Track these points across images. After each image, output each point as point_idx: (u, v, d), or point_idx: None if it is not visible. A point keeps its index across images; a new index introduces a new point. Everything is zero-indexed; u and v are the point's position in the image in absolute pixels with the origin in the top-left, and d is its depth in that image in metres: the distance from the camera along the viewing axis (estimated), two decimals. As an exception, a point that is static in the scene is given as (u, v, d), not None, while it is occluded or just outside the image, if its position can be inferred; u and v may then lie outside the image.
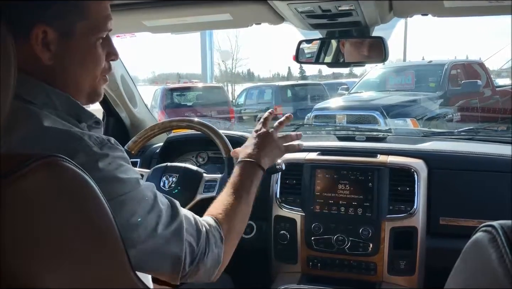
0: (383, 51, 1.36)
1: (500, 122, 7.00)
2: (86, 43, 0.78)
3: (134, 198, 0.73)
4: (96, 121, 0.83)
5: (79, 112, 0.79)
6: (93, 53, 0.79)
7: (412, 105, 6.65)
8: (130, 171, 0.75)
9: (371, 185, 1.48)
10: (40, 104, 0.74)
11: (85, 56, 0.78)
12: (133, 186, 0.74)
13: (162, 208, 0.79)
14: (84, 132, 0.72)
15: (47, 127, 0.70)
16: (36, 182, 0.56)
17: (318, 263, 1.52)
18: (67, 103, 0.77)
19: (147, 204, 0.75)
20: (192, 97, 10.68)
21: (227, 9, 1.29)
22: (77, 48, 0.77)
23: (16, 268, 0.55)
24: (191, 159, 1.88)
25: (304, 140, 1.97)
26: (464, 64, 8.35)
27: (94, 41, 0.78)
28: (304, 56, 1.52)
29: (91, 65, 0.80)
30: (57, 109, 0.75)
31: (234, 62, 22.98)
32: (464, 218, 1.43)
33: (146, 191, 0.77)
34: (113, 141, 0.75)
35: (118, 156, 0.74)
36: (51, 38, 0.73)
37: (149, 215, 0.75)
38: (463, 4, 1.18)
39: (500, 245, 0.40)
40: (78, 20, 0.75)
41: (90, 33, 0.77)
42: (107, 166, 0.71)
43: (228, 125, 8.70)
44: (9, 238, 0.54)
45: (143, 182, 0.79)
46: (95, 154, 0.70)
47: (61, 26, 0.74)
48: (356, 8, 1.18)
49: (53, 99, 0.75)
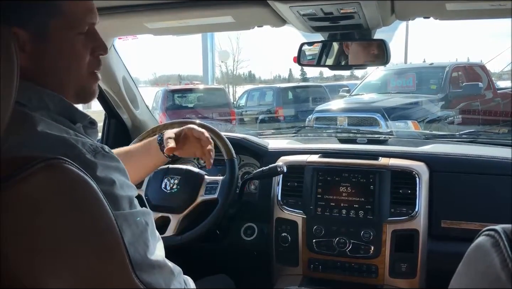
0: (385, 54, 1.36)
1: (501, 124, 7.00)
2: (63, 41, 0.76)
3: (125, 219, 0.71)
4: (91, 122, 0.81)
5: (72, 113, 0.78)
6: (72, 49, 0.77)
7: (414, 107, 6.64)
8: (126, 187, 0.73)
9: (373, 188, 1.48)
10: (33, 106, 0.72)
11: (63, 54, 0.76)
12: (124, 206, 0.72)
13: (151, 243, 0.75)
14: (78, 139, 0.71)
15: (40, 132, 0.68)
16: (38, 184, 0.56)
17: (319, 266, 1.52)
18: (60, 104, 0.76)
19: (136, 229, 0.72)
20: (193, 99, 10.69)
21: (229, 12, 1.29)
22: (54, 46, 0.75)
23: (18, 269, 0.55)
24: (193, 160, 1.88)
25: (306, 142, 1.98)
26: (466, 67, 8.34)
27: (71, 37, 0.77)
28: (306, 58, 1.52)
29: (71, 62, 0.78)
30: (50, 111, 0.74)
31: (235, 64, 22.98)
32: (466, 221, 1.43)
33: (138, 216, 0.74)
34: (107, 149, 0.73)
35: (112, 166, 0.72)
36: (24, 39, 0.72)
37: (136, 242, 0.72)
38: (465, 7, 1.18)
39: (503, 249, 0.40)
40: (50, 19, 0.74)
41: (66, 30, 0.76)
42: (101, 175, 0.69)
43: (229, 127, 8.70)
44: (11, 240, 0.55)
45: (139, 207, 0.76)
46: (89, 162, 0.68)
47: (32, 26, 0.73)
48: (358, 11, 1.18)
49: (46, 101, 0.74)
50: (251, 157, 1.79)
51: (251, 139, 1.79)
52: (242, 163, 1.80)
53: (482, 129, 4.68)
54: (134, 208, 0.74)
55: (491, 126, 6.73)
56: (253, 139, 1.80)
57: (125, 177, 0.75)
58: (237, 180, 1.51)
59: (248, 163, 1.80)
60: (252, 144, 1.77)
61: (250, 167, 1.79)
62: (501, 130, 6.15)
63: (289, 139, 2.04)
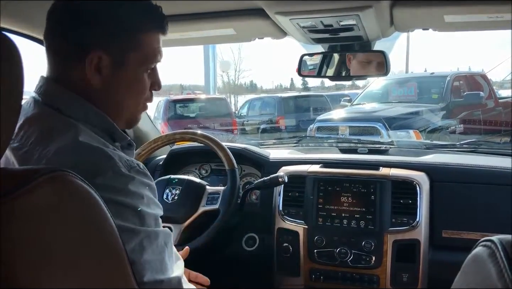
0: (385, 65, 1.37)
1: (503, 134, 6.98)
2: (135, 73, 0.81)
3: (148, 236, 0.72)
4: (129, 144, 0.85)
5: (114, 132, 0.81)
6: (140, 83, 0.82)
7: (415, 117, 6.65)
8: (153, 205, 0.76)
9: (374, 198, 1.49)
10: (78, 118, 0.76)
11: (132, 85, 0.81)
12: (149, 223, 0.74)
13: (168, 262, 0.76)
14: (115, 153, 0.74)
15: (81, 142, 0.71)
16: (43, 195, 0.57)
17: (320, 276, 1.52)
18: (103, 122, 0.79)
19: (156, 248, 0.74)
20: (195, 109, 10.71)
21: (231, 24, 1.31)
22: (127, 76, 0.80)
23: (22, 280, 0.56)
24: (194, 171, 1.89)
25: (307, 152, 1.98)
26: (467, 76, 8.35)
27: (142, 72, 0.82)
28: (307, 68, 1.54)
29: (136, 94, 0.83)
30: (94, 126, 0.78)
31: (236, 74, 23.07)
32: (467, 231, 1.43)
33: (160, 235, 0.75)
34: (141, 166, 0.76)
35: (145, 182, 0.75)
36: (105, 64, 0.76)
37: (152, 261, 0.73)
38: (463, 19, 1.19)
39: (499, 260, 0.41)
40: (132, 51, 0.79)
41: (141, 64, 0.81)
42: (132, 189, 0.71)
43: (231, 137, 8.71)
44: (16, 251, 0.55)
45: (161, 228, 0.78)
46: (123, 175, 0.71)
47: (116, 54, 0.77)
48: (357, 23, 1.20)
49: (90, 116, 0.78)
50: (252, 167, 1.80)
51: (252, 149, 1.80)
52: (243, 173, 1.81)
53: (483, 139, 4.66)
54: (158, 226, 0.76)
55: (493, 136, 6.72)
56: (254, 150, 1.80)
57: (154, 195, 0.78)
58: (238, 190, 1.52)
59: (249, 173, 1.81)
60: (253, 154, 1.77)
61: (251, 177, 1.80)
62: (502, 139, 6.13)
63: (290, 149, 2.05)
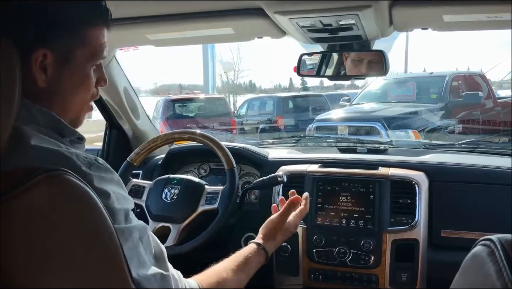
0: (384, 64, 1.37)
1: (501, 134, 7.00)
2: (83, 69, 0.79)
3: (121, 233, 0.70)
4: (79, 138, 0.82)
5: (61, 128, 0.78)
6: (87, 79, 0.80)
7: (414, 116, 6.66)
8: (122, 200, 0.73)
9: (373, 197, 1.49)
10: (23, 120, 0.71)
11: (79, 82, 0.79)
12: (120, 219, 0.72)
13: (146, 258, 0.75)
14: (72, 152, 0.71)
15: (34, 146, 0.68)
16: (40, 195, 0.57)
17: (319, 276, 1.52)
18: (50, 119, 0.76)
19: (131, 244, 0.73)
20: (194, 108, 10.72)
21: (229, 24, 1.30)
22: (72, 73, 0.78)
23: (20, 279, 0.56)
24: (193, 170, 1.89)
25: (306, 152, 1.98)
26: (466, 76, 8.37)
27: (89, 68, 0.80)
28: (306, 68, 1.53)
29: (83, 91, 0.81)
30: (39, 125, 0.74)
31: (236, 74, 23.08)
32: (466, 231, 1.43)
33: (133, 231, 0.74)
34: (101, 161, 0.74)
35: (107, 177, 0.72)
36: (49, 62, 0.74)
37: (131, 257, 0.71)
38: (462, 19, 1.19)
39: (498, 259, 0.41)
40: (78, 47, 0.77)
41: (88, 60, 0.79)
42: (97, 186, 0.69)
43: (230, 136, 8.71)
44: (13, 251, 0.55)
45: (136, 221, 0.76)
46: (84, 174, 0.68)
47: (61, 51, 0.75)
48: (356, 22, 1.20)
49: (35, 114, 0.74)
50: (251, 167, 1.80)
51: (251, 149, 1.80)
52: (243, 173, 1.81)
53: (482, 139, 4.68)
54: (130, 221, 0.74)
55: (491, 136, 6.73)
56: (253, 149, 1.80)
57: (120, 188, 0.75)
58: (237, 189, 1.52)
59: (248, 173, 1.81)
60: (252, 154, 1.77)
61: (250, 177, 1.80)
62: (501, 139, 6.15)
63: (289, 149, 2.05)
